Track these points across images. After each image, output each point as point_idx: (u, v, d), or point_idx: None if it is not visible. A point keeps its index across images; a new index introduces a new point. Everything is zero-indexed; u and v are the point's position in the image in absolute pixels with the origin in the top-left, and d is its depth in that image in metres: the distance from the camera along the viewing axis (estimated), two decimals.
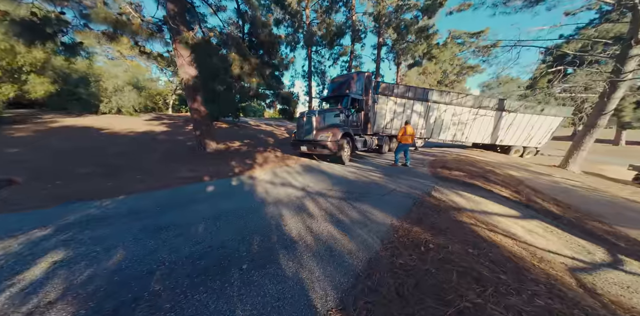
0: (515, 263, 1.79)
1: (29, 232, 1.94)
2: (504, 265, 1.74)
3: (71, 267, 1.51)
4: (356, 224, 2.34)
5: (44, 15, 3.97)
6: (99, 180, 3.55)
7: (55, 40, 4.31)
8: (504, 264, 1.75)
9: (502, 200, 3.57)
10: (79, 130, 7.41)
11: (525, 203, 3.58)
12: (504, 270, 1.67)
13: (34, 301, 1.23)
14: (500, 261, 1.78)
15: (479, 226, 2.48)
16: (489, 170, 5.86)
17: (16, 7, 3.72)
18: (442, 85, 26.78)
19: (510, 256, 1.89)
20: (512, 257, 1.89)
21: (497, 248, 2.01)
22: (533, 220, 2.97)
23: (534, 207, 3.47)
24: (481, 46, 12.37)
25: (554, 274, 1.75)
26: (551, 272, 1.77)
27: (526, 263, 1.84)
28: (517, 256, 1.93)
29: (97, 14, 4.08)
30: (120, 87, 11.52)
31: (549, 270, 1.80)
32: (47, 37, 4.12)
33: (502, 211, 3.13)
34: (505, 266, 1.71)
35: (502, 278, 1.56)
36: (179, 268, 1.53)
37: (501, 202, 3.47)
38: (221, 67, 5.53)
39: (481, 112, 10.06)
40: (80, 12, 4.20)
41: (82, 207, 2.52)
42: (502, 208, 3.25)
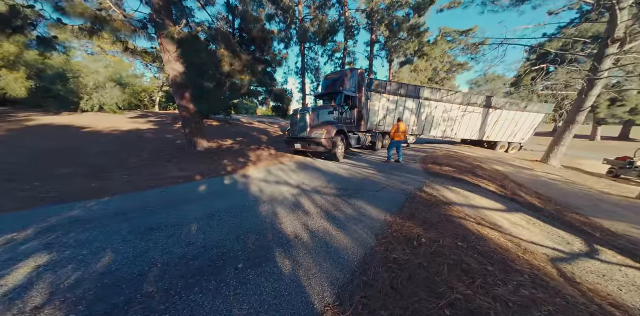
0: (502, 255, 1.87)
1: (7, 235, 1.84)
2: (491, 256, 1.82)
3: (57, 271, 1.44)
4: (351, 220, 2.37)
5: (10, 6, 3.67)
6: (82, 180, 3.39)
7: (24, 33, 4.02)
8: (491, 256, 1.83)
9: (488, 194, 3.71)
10: (57, 129, 7.01)
11: (510, 197, 3.74)
12: (491, 261, 1.74)
13: (18, 306, 1.17)
14: (488, 253, 1.86)
15: (467, 220, 2.57)
16: (476, 165, 6.06)
17: None
18: (432, 82, 27.23)
19: (497, 248, 1.98)
20: (499, 249, 1.98)
21: (484, 240, 2.10)
22: (517, 213, 3.11)
23: (518, 200, 3.63)
24: (470, 44, 12.64)
25: (537, 264, 1.85)
26: (534, 263, 1.87)
27: (511, 254, 1.93)
28: (503, 248, 2.03)
29: (73, 8, 3.82)
30: (102, 83, 10.96)
31: (532, 261, 1.89)
32: (15, 29, 3.83)
33: (489, 205, 3.25)
34: (492, 258, 1.79)
35: (490, 269, 1.63)
36: (172, 269, 1.50)
37: (488, 196, 3.60)
38: (210, 63, 5.35)
39: (469, 108, 10.35)
40: (55, 5, 3.91)
41: (64, 209, 2.40)
42: (489, 202, 3.37)
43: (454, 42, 14.40)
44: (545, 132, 25.39)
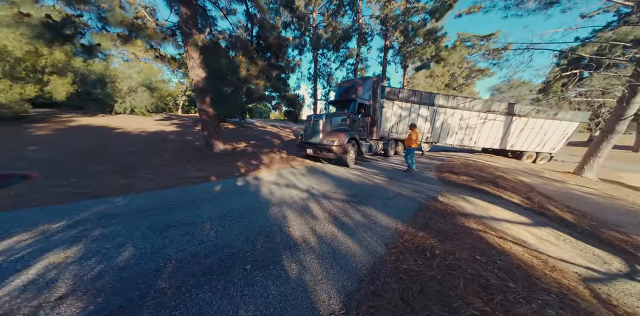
0: (526, 272, 1.73)
1: (43, 227, 2.02)
2: (513, 273, 1.69)
3: (82, 263, 1.55)
4: (360, 227, 2.32)
5: (62, 18, 4.16)
6: (112, 177, 3.67)
7: (73, 42, 4.52)
8: (514, 272, 1.70)
9: (512, 207, 3.47)
10: (94, 129, 7.70)
11: (537, 210, 3.47)
12: (513, 278, 1.62)
13: (45, 296, 1.26)
14: (510, 269, 1.73)
15: (487, 232, 2.42)
16: (498, 176, 5.71)
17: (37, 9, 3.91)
18: (450, 88, 26.43)
19: (520, 264, 1.83)
20: (522, 265, 1.83)
21: (506, 255, 1.96)
22: (545, 227, 2.87)
23: (546, 214, 3.35)
24: (491, 49, 12.15)
25: (567, 284, 1.69)
26: (563, 282, 1.71)
27: (537, 271, 1.78)
28: (528, 264, 1.87)
29: (114, 17, 4.26)
30: (134, 88, 11.96)
31: (561, 280, 1.73)
32: (65, 38, 4.33)
33: (512, 218, 3.04)
34: (515, 275, 1.66)
35: (511, 286, 1.52)
36: (185, 267, 1.56)
37: (511, 209, 3.37)
38: (229, 69, 5.65)
39: (490, 116, 9.86)
40: (99, 15, 4.38)
41: (95, 204, 2.61)
42: (512, 214, 3.15)
43: (473, 48, 13.93)
44: (579, 142, 23.37)
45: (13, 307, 1.16)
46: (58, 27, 4.11)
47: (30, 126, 7.01)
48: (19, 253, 1.62)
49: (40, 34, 4.00)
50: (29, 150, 4.84)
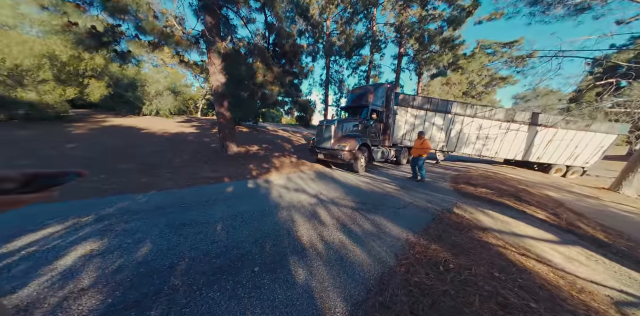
0: (550, 292, 1.61)
1: (73, 220, 2.19)
2: (535, 292, 1.58)
3: (105, 256, 1.65)
4: (369, 236, 2.28)
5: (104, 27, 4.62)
6: (136, 175, 3.92)
7: (109, 48, 4.98)
8: (536, 292, 1.59)
9: (536, 223, 3.24)
10: (124, 130, 8.31)
11: (565, 228, 3.21)
12: (535, 298, 1.51)
13: (69, 287, 1.34)
14: (532, 289, 1.62)
15: (507, 249, 2.28)
16: (521, 189, 5.36)
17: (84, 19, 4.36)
18: (467, 96, 25.56)
19: (544, 284, 1.71)
20: (546, 285, 1.70)
21: (528, 274, 1.84)
22: (574, 246, 2.65)
23: (576, 232, 3.09)
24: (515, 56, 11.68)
25: (596, 307, 1.55)
26: (592, 305, 1.56)
27: (563, 292, 1.64)
28: (552, 284, 1.74)
29: (148, 26, 4.65)
30: (161, 91, 12.81)
31: (590, 302, 1.58)
32: (103, 45, 4.79)
33: (537, 234, 2.84)
34: (537, 294, 1.55)
35: (533, 306, 1.41)
36: (197, 265, 1.61)
37: (536, 225, 3.15)
38: (247, 74, 5.91)
39: (513, 126, 9.38)
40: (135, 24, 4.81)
41: (120, 200, 2.79)
42: (537, 231, 2.95)
43: (494, 55, 13.47)
44: (617, 155, 21.43)
45: (40, 297, 1.25)
46: (99, 35, 4.57)
47: (69, 125, 7.71)
48: (51, 244, 1.76)
49: (83, 41, 4.46)
50: (67, 147, 5.31)
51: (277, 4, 5.71)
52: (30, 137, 5.70)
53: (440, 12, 13.45)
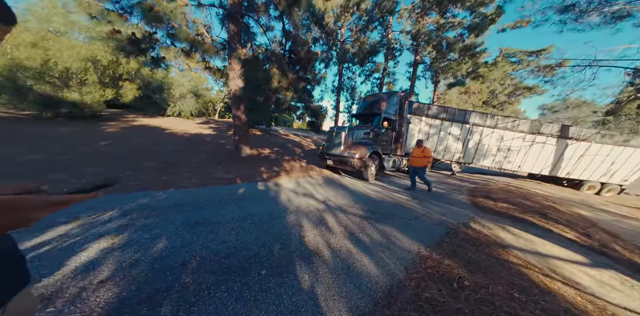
0: None
1: (100, 214, 2.35)
2: None
3: (124, 250, 1.75)
4: (378, 246, 2.22)
5: (142, 34, 5.06)
6: (157, 173, 4.14)
7: (146, 55, 5.42)
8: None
9: (565, 243, 3.00)
10: (150, 129, 8.87)
11: (597, 249, 2.93)
12: None
13: (90, 278, 1.40)
14: (555, 312, 1.50)
15: (530, 268, 2.13)
16: (548, 206, 4.99)
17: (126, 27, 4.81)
18: (488, 106, 24.48)
19: (570, 308, 1.58)
20: (572, 309, 1.57)
21: (552, 296, 1.71)
22: (607, 270, 2.42)
23: (610, 255, 2.81)
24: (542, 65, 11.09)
25: None
26: None
27: None
28: (579, 309, 1.60)
29: (182, 34, 5.03)
30: (184, 94, 13.60)
31: None
32: (141, 51, 5.23)
33: (564, 255, 2.63)
34: None
35: None
36: (207, 264, 1.66)
37: (563, 245, 2.91)
38: (264, 80, 6.15)
39: (539, 138, 8.82)
40: (167, 32, 5.21)
41: (142, 196, 2.96)
42: (565, 251, 2.72)
43: (520, 64, 12.88)
44: None
45: (63, 286, 1.32)
46: (138, 42, 5.01)
47: (103, 124, 8.39)
48: (79, 236, 1.89)
49: (125, 48, 4.91)
50: (101, 145, 5.76)
51: (294, 13, 5.94)
52: (70, 134, 6.27)
53: (460, 20, 13.18)
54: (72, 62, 7.52)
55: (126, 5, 4.52)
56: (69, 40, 8.32)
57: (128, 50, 5.03)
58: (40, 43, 7.05)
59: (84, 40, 9.64)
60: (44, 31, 7.83)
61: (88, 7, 4.02)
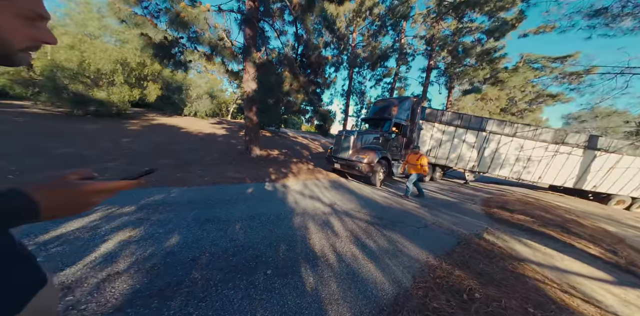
0: None
1: (119, 208, 2.48)
2: None
3: (140, 243, 1.83)
4: (384, 253, 2.19)
5: (171, 40, 5.36)
6: (172, 170, 4.33)
7: (174, 58, 5.73)
8: None
9: (587, 259, 2.81)
10: (167, 128, 9.30)
11: (624, 267, 2.72)
12: None
13: (108, 269, 1.47)
14: None
15: (547, 284, 2.03)
16: (570, 220, 4.69)
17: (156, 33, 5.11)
18: (507, 113, 23.48)
19: None
20: None
21: (570, 313, 1.63)
22: (634, 289, 2.25)
23: (638, 274, 2.59)
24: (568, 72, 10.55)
25: None
26: None
27: None
28: None
29: (204, 38, 5.27)
30: (201, 95, 14.16)
31: None
32: (171, 56, 5.54)
33: (586, 271, 2.47)
34: None
35: None
36: (216, 261, 1.71)
37: (586, 261, 2.73)
38: (276, 83, 6.28)
39: (563, 149, 8.34)
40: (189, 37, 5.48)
41: (157, 192, 3.10)
42: (587, 268, 2.56)
43: (542, 70, 12.30)
44: None
45: (82, 276, 1.39)
46: (169, 47, 5.31)
47: (126, 122, 8.90)
48: (100, 227, 2.00)
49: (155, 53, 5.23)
50: (123, 141, 6.11)
51: (307, 18, 6.06)
52: (96, 131, 6.70)
53: (478, 25, 12.85)
54: (104, 63, 8.09)
55: (154, 10, 4.80)
56: (102, 43, 8.96)
57: (160, 55, 5.36)
58: (77, 45, 7.66)
59: (115, 44, 10.34)
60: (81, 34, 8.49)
61: (119, 11, 4.30)
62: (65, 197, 0.39)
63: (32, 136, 5.03)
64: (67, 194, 0.39)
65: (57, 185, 0.39)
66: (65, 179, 0.42)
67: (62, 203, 0.38)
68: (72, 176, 0.44)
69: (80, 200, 0.40)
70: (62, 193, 0.39)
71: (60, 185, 0.39)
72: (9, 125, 5.73)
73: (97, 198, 0.42)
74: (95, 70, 8.00)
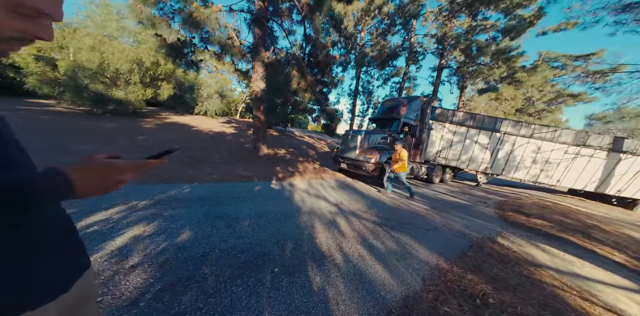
0: None
1: (134, 202, 2.57)
2: None
3: (153, 238, 1.88)
4: (393, 255, 2.15)
5: (183, 40, 5.49)
6: (184, 168, 4.44)
7: (187, 58, 5.88)
8: None
9: (610, 266, 2.66)
10: (179, 126, 9.57)
11: None
12: None
13: (122, 263, 1.51)
14: None
15: (566, 291, 1.94)
16: (592, 225, 4.44)
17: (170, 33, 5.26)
18: (523, 114, 22.51)
19: None
20: None
21: None
22: None
23: None
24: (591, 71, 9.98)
25: None
26: None
27: None
28: None
29: (214, 38, 5.37)
30: (211, 94, 14.46)
31: None
32: (183, 55, 5.69)
33: (609, 279, 2.34)
34: None
35: None
36: (225, 257, 1.73)
37: (609, 268, 2.59)
38: (284, 82, 6.30)
39: (584, 151, 7.91)
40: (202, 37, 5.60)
41: (170, 188, 3.19)
42: (610, 275, 2.42)
43: (563, 69, 11.67)
44: None
45: (99, 269, 1.44)
46: (181, 47, 5.45)
47: (142, 120, 9.23)
48: (116, 222, 2.07)
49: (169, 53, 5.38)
50: (138, 139, 6.34)
51: (316, 17, 6.04)
52: (114, 129, 6.99)
53: (493, 23, 12.34)
54: (122, 63, 8.41)
55: (169, 11, 4.94)
56: (120, 44, 9.33)
57: (173, 55, 5.51)
58: (98, 46, 8.00)
59: (132, 44, 10.72)
60: (101, 36, 8.87)
61: (140, 13, 4.45)
62: (96, 175, 0.41)
63: (55, 133, 5.30)
64: (98, 173, 0.41)
65: (88, 164, 0.42)
66: (94, 158, 0.44)
67: (93, 181, 0.40)
68: (100, 156, 0.46)
69: (110, 178, 0.42)
70: (94, 171, 0.41)
71: (91, 163, 0.42)
72: (37, 122, 6.08)
73: (125, 177, 0.44)
74: (114, 70, 8.34)
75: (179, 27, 5.09)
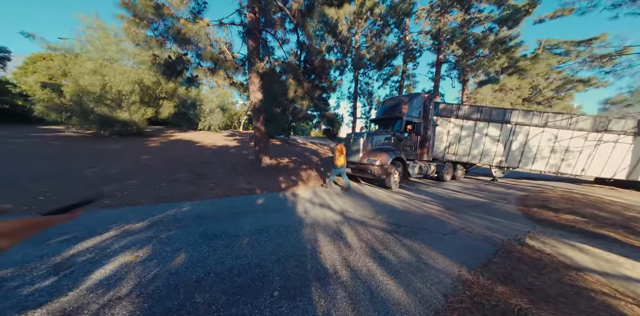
0: None
1: (131, 225, 2.47)
2: None
3: (146, 264, 1.75)
4: (406, 267, 1.92)
5: (176, 57, 5.61)
6: (186, 185, 4.39)
7: (182, 75, 6.00)
8: None
9: None
10: (183, 143, 9.73)
11: None
12: None
13: (110, 294, 1.41)
14: None
15: (620, 299, 1.66)
16: (632, 218, 4.00)
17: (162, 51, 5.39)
18: (530, 103, 21.74)
19: None
20: None
21: None
22: None
23: None
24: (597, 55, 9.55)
25: None
26: None
27: None
28: None
29: (205, 53, 5.46)
30: (213, 109, 14.78)
31: None
32: (178, 73, 5.80)
33: None
34: None
35: None
36: (220, 282, 1.57)
37: None
38: (281, 91, 6.30)
39: (607, 137, 7.40)
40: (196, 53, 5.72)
41: (169, 207, 3.10)
42: None
43: (566, 55, 11.24)
44: None
45: (84, 302, 1.32)
46: (174, 64, 5.57)
47: (147, 139, 9.46)
48: (109, 248, 1.95)
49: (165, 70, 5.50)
50: (143, 158, 6.43)
51: (308, 24, 6.07)
52: (120, 150, 7.15)
53: (487, 14, 12.19)
54: (124, 85, 8.73)
55: (162, 31, 5.08)
56: (120, 66, 9.73)
57: (168, 73, 5.63)
58: (99, 70, 8.36)
59: (132, 66, 11.17)
60: (101, 59, 9.29)
61: (135, 35, 4.59)
62: None
63: (64, 159, 5.44)
64: None
65: None
66: None
67: None
68: None
69: None
70: None
71: None
72: (47, 148, 6.30)
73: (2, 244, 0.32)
74: (116, 92, 8.65)
75: (175, 45, 5.22)
